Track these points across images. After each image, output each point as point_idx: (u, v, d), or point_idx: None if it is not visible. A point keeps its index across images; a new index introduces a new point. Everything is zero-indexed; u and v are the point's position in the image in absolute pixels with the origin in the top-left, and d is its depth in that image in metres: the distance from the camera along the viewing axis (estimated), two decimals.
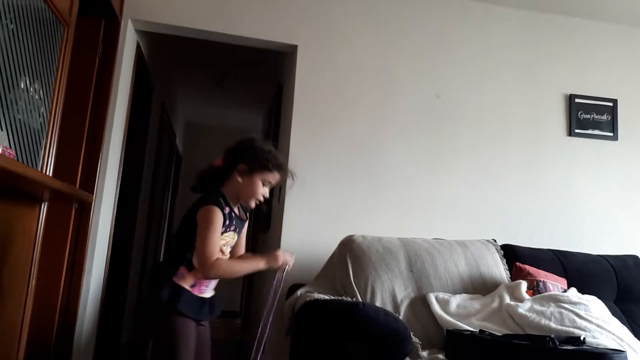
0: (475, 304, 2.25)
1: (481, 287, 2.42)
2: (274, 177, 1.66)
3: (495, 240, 2.71)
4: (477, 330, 1.96)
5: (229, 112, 6.26)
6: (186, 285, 1.56)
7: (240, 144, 1.68)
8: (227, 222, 1.60)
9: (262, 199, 1.66)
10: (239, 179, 1.63)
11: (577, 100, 3.34)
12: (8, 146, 1.61)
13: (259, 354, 1.63)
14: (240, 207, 1.73)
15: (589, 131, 3.34)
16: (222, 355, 1.70)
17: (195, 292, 1.58)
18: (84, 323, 2.79)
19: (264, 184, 1.65)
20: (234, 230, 1.66)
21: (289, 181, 1.72)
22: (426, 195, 3.14)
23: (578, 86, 3.40)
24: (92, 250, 2.76)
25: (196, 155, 6.73)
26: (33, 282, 1.90)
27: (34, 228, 1.89)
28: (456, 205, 3.15)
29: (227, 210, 1.61)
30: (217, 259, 1.53)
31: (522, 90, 3.35)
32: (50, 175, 1.98)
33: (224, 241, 1.62)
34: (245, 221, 1.74)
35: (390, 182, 3.12)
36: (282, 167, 1.66)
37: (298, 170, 2.97)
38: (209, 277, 1.58)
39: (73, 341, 2.64)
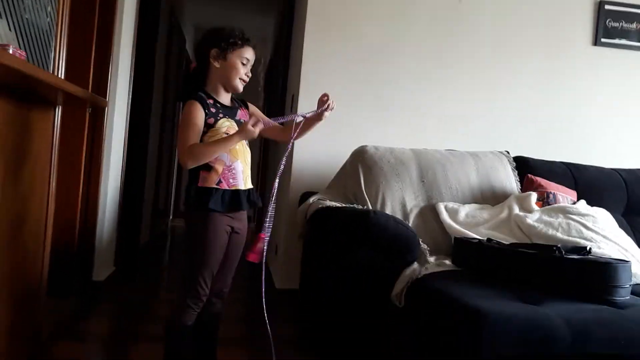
0: (484, 213, 2.29)
1: (491, 198, 2.44)
2: (247, 52, 1.64)
3: (508, 152, 2.69)
4: (485, 239, 2.01)
5: (240, 15, 6.02)
6: (212, 184, 1.59)
7: (203, 36, 1.69)
8: (214, 111, 1.60)
9: (245, 78, 1.66)
10: (217, 65, 1.63)
11: (607, 6, 3.15)
12: (18, 47, 1.58)
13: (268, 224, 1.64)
14: (233, 100, 1.73)
15: (616, 40, 3.19)
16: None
17: (225, 186, 1.60)
18: (104, 225, 2.90)
19: (242, 63, 1.64)
20: (227, 117, 1.63)
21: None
22: (440, 107, 3.09)
23: None
24: (107, 155, 2.81)
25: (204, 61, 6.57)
26: (53, 184, 1.95)
27: (49, 131, 1.90)
28: (470, 118, 3.11)
29: (210, 101, 1.62)
30: (190, 145, 1.55)
31: None
32: (62, 78, 1.96)
33: (224, 128, 1.60)
34: (237, 108, 1.70)
35: (403, 94, 3.06)
36: (250, 40, 1.65)
37: (310, 79, 2.96)
38: (187, 166, 1.57)
39: (94, 242, 2.76)
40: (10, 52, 1.36)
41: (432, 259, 1.98)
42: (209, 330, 1.73)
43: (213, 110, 1.61)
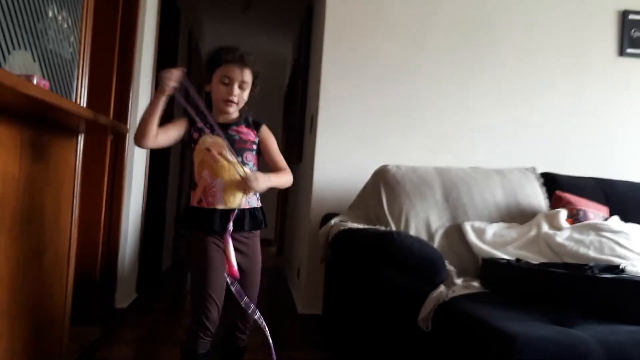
0: (512, 232, 2.22)
1: (519, 216, 2.38)
2: (227, 70, 1.56)
3: (534, 169, 2.63)
4: (514, 259, 1.94)
5: (258, 39, 6.10)
6: (194, 203, 1.57)
7: None
8: (200, 126, 1.56)
9: (228, 98, 1.57)
10: (209, 90, 1.62)
11: (630, 16, 3.10)
12: (42, 77, 1.60)
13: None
14: (242, 118, 1.65)
15: None
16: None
17: (204, 205, 1.55)
18: (126, 251, 2.90)
19: (223, 82, 1.57)
20: (211, 134, 1.57)
21: (256, 67, 1.61)
22: (463, 123, 3.05)
23: (632, 0, 3.14)
24: (129, 181, 2.82)
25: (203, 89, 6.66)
26: (76, 212, 1.95)
27: (72, 159, 1.92)
28: (495, 133, 3.06)
29: (200, 117, 1.57)
30: None
31: (569, 8, 3.12)
32: (84, 106, 1.98)
33: (206, 144, 1.56)
34: (235, 125, 1.62)
35: (425, 110, 3.04)
36: (223, 57, 1.56)
37: (330, 99, 2.96)
38: (135, 142, 1.56)
39: (117, 269, 2.76)
40: (35, 82, 1.37)
41: (459, 281, 1.92)
42: None
43: (200, 126, 1.57)
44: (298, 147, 3.80)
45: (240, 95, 1.59)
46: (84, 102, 2.01)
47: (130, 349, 2.43)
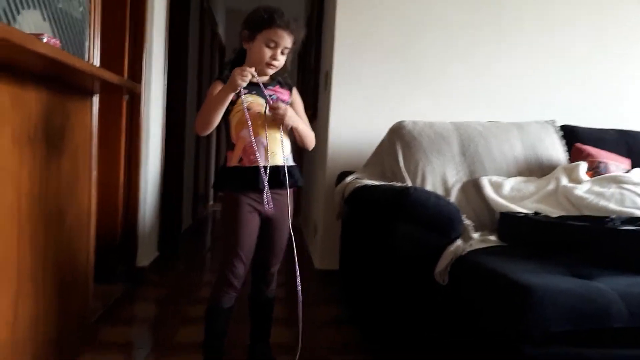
0: (530, 186, 2.19)
1: (538, 170, 2.34)
2: (275, 34, 1.53)
3: (554, 121, 2.57)
4: (532, 212, 1.92)
5: None
6: (234, 163, 1.57)
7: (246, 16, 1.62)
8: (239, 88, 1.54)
9: (271, 61, 1.56)
10: (248, 48, 1.59)
11: None
12: (52, 36, 1.59)
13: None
14: (274, 79, 1.65)
15: None
16: None
17: (245, 164, 1.56)
18: (146, 211, 2.95)
19: (268, 46, 1.54)
20: (251, 93, 1.57)
21: (298, 33, 1.59)
22: (480, 77, 2.98)
23: None
24: (146, 141, 2.84)
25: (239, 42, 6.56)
26: (94, 173, 1.98)
27: (88, 120, 1.92)
28: (513, 87, 2.98)
29: None
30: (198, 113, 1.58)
31: None
32: (97, 65, 1.97)
33: (246, 103, 1.55)
34: (271, 86, 1.63)
35: (441, 66, 2.96)
36: (274, 21, 1.52)
37: (344, 55, 2.90)
38: (198, 131, 1.59)
39: (137, 229, 2.81)
40: (45, 40, 1.36)
41: (476, 235, 1.92)
42: (260, 315, 1.75)
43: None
44: (313, 105, 3.77)
45: (281, 60, 1.58)
46: (97, 62, 2.00)
47: (153, 306, 2.50)
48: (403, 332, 1.85)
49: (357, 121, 2.96)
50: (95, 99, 1.98)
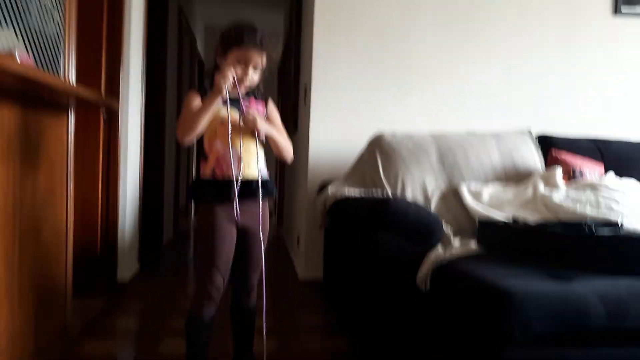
0: (508, 193, 2.23)
1: (515, 177, 2.38)
2: (245, 53, 1.53)
3: (529, 131, 2.62)
4: (510, 219, 1.95)
5: (249, 11, 6.01)
6: (207, 174, 1.57)
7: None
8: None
9: (242, 79, 1.55)
10: (221, 63, 1.59)
11: None
12: (26, 53, 1.58)
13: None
14: (249, 93, 1.65)
15: (638, 9, 3.06)
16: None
17: (218, 176, 1.55)
18: (126, 225, 2.92)
19: (238, 63, 1.55)
20: (225, 105, 1.56)
21: (271, 51, 1.59)
22: (458, 86, 3.03)
23: None
24: (125, 155, 2.82)
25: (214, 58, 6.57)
26: (71, 187, 1.95)
27: (64, 136, 1.90)
28: (490, 96, 3.04)
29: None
30: (179, 122, 1.58)
31: None
32: (74, 82, 1.96)
33: (223, 115, 1.55)
34: (246, 100, 1.62)
35: (420, 75, 3.01)
36: (243, 40, 1.53)
37: (322, 68, 2.92)
38: (180, 140, 1.57)
39: (117, 243, 2.78)
40: (17, 58, 1.35)
41: (456, 242, 1.93)
42: (242, 325, 1.73)
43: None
44: (293, 118, 3.79)
45: (252, 77, 1.59)
46: (72, 79, 1.99)
47: (134, 319, 2.47)
48: (388, 338, 1.86)
49: (337, 131, 2.98)
50: (71, 116, 1.97)
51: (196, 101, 1.58)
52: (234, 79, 1.52)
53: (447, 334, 1.67)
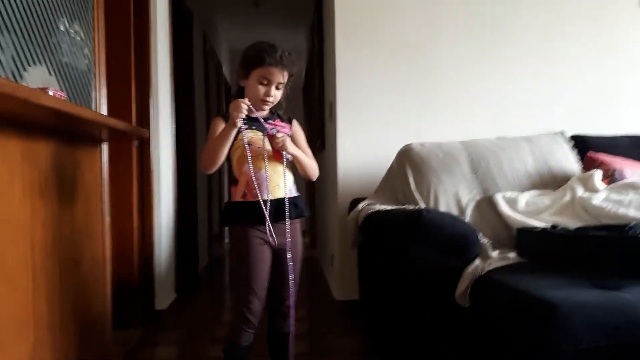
0: (545, 199, 2.16)
1: (551, 182, 2.31)
2: (267, 72, 1.56)
3: (563, 132, 2.55)
4: (549, 226, 1.89)
5: (271, 33, 6.10)
6: (238, 197, 1.58)
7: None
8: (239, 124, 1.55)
9: (266, 98, 1.58)
10: (244, 85, 1.62)
11: None
12: (58, 89, 1.63)
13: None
14: (273, 113, 1.68)
15: None
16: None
17: (249, 199, 1.56)
18: (162, 253, 2.95)
19: (261, 83, 1.57)
20: (252, 129, 1.59)
21: (292, 68, 1.60)
22: (486, 93, 2.98)
23: None
24: (158, 183, 2.86)
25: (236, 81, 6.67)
26: (107, 219, 1.99)
27: (98, 168, 1.95)
28: (519, 100, 2.97)
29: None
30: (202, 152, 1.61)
31: None
32: (105, 114, 2.01)
33: (246, 139, 1.57)
34: (271, 119, 1.64)
35: (447, 85, 2.97)
36: (264, 60, 1.55)
37: (347, 84, 2.93)
38: (203, 169, 1.61)
39: (154, 272, 2.81)
40: (51, 94, 1.39)
41: (494, 254, 1.88)
42: (279, 349, 1.71)
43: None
44: (320, 135, 3.79)
45: (275, 95, 1.61)
46: (104, 111, 2.04)
47: (173, 349, 2.47)
48: (429, 357, 1.81)
49: (365, 147, 2.96)
50: (105, 147, 2.01)
51: (219, 128, 1.60)
52: (249, 107, 1.53)
53: (490, 351, 1.61)
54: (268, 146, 1.59)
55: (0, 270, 1.27)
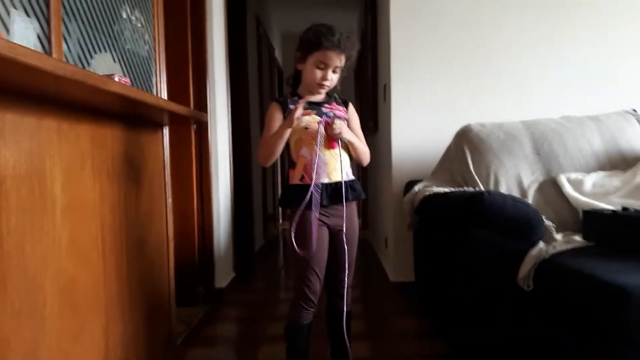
0: (614, 180, 2.05)
1: (620, 163, 2.19)
2: (324, 56, 1.55)
3: (635, 110, 2.40)
4: (619, 208, 1.79)
5: (324, 14, 6.06)
6: (296, 180, 1.60)
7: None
8: (293, 107, 1.57)
9: (323, 82, 1.58)
10: (301, 69, 1.62)
11: None
12: (123, 75, 1.68)
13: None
14: (329, 96, 1.68)
15: None
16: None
17: (307, 181, 1.57)
18: (221, 234, 3.03)
19: (318, 67, 1.57)
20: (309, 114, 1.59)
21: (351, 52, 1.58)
22: (549, 75, 2.85)
23: None
24: (215, 166, 2.93)
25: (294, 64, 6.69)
26: (169, 201, 2.06)
27: (160, 151, 2.01)
28: (584, 81, 2.83)
29: (295, 98, 1.62)
30: (259, 144, 1.62)
31: None
32: (165, 99, 2.07)
33: (303, 123, 1.58)
34: (327, 103, 1.65)
35: (506, 64, 2.87)
36: (322, 44, 1.53)
37: (401, 65, 2.87)
38: (260, 162, 1.63)
39: (213, 252, 2.89)
40: (116, 80, 1.44)
41: (559, 236, 1.81)
42: (337, 328, 1.73)
43: (293, 107, 1.58)
44: (373, 117, 3.75)
45: (332, 79, 1.61)
46: (164, 96, 2.10)
47: (233, 326, 2.55)
48: (490, 341, 1.77)
49: (419, 129, 2.91)
50: (166, 131, 2.07)
51: (275, 115, 1.61)
52: (304, 108, 1.55)
53: (556, 336, 1.56)
54: (322, 131, 1.59)
55: (76, 251, 1.34)
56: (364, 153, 1.69)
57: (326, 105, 1.64)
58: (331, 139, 1.58)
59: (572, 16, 2.83)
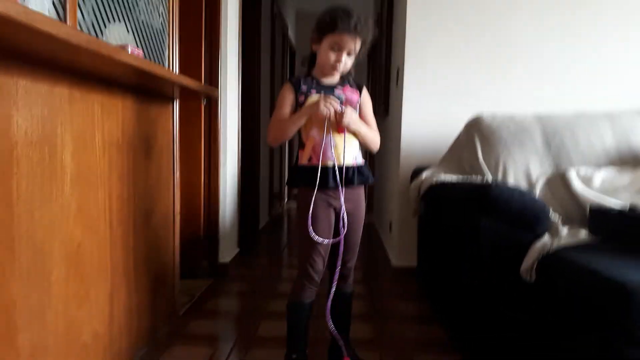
0: (624, 178, 2.04)
1: (632, 161, 2.17)
2: (339, 39, 1.53)
3: None
4: (627, 206, 1.78)
5: None
6: (304, 161, 1.60)
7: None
8: (305, 89, 1.59)
9: (336, 65, 1.57)
10: (316, 50, 1.61)
11: None
12: (136, 46, 1.68)
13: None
14: (343, 78, 1.67)
15: None
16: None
17: (315, 162, 1.57)
18: (226, 210, 3.05)
19: (332, 49, 1.55)
20: (318, 93, 1.60)
21: (366, 36, 1.56)
22: (564, 64, 2.80)
23: None
24: (224, 142, 2.93)
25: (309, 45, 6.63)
26: (177, 174, 2.07)
27: (170, 124, 2.01)
28: (602, 70, 2.78)
29: (309, 80, 1.62)
30: (270, 124, 1.61)
31: None
32: (177, 72, 2.06)
33: (313, 101, 1.58)
34: (340, 86, 1.64)
35: (521, 55, 2.82)
36: (337, 26, 1.51)
37: (416, 50, 2.84)
38: (269, 143, 1.64)
39: (218, 226, 2.91)
40: (129, 51, 1.44)
41: (564, 231, 1.81)
42: (340, 309, 1.75)
43: (305, 88, 1.59)
44: (385, 101, 3.73)
45: (346, 62, 1.59)
46: (176, 69, 2.09)
47: (235, 300, 2.58)
48: (486, 329, 1.79)
49: (431, 115, 2.89)
50: (176, 105, 2.07)
51: (288, 96, 1.61)
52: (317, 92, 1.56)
53: (556, 330, 1.57)
54: (332, 117, 1.58)
55: (84, 219, 1.36)
56: (373, 142, 1.68)
57: (339, 87, 1.63)
58: (339, 126, 1.58)
59: (594, 7, 2.78)
